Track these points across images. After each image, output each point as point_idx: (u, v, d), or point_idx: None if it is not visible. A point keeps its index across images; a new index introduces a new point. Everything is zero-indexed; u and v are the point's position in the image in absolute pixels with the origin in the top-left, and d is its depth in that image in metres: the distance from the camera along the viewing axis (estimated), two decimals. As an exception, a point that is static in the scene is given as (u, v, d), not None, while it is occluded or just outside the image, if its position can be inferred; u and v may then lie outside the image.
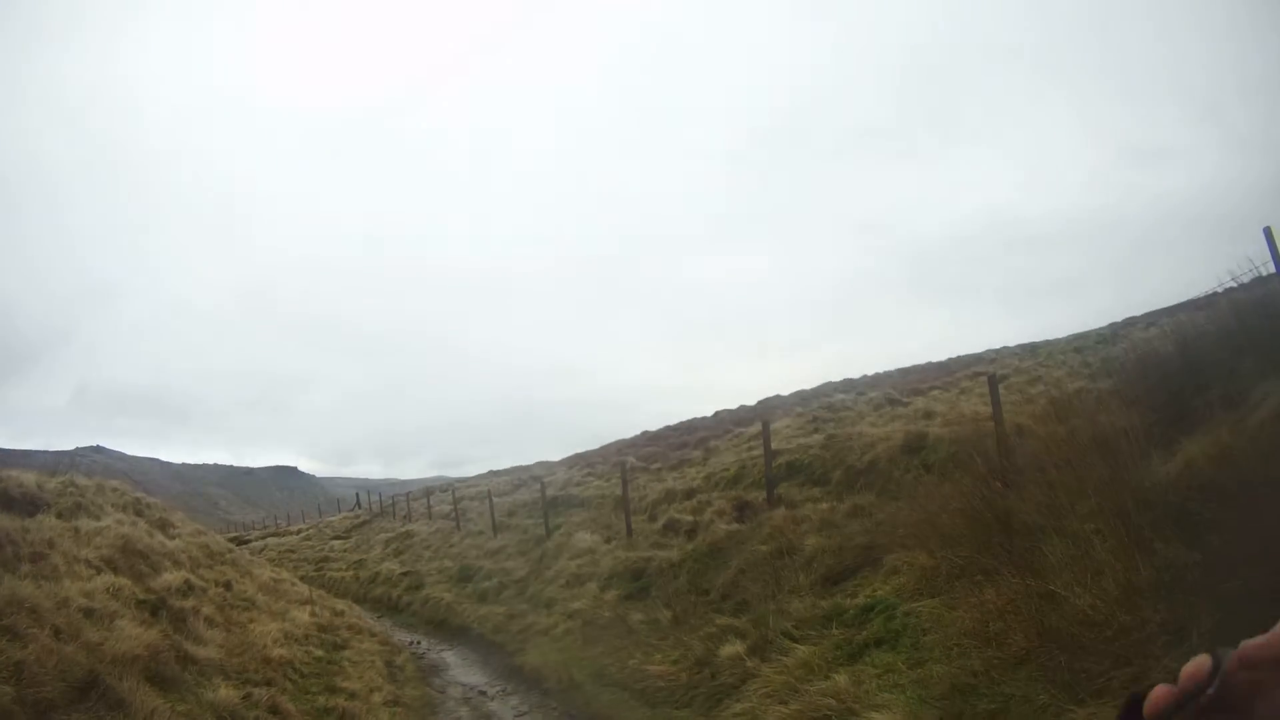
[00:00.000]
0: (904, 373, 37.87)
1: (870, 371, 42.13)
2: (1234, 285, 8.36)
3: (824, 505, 12.10)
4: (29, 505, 10.31)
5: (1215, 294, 8.77)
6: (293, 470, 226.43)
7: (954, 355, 39.02)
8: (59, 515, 10.40)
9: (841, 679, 6.96)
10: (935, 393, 24.26)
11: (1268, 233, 7.82)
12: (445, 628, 17.11)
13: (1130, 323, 29.03)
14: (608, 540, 16.34)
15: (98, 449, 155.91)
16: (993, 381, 10.52)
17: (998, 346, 37.66)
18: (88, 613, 7.42)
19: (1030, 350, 31.97)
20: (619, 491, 17.68)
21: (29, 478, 11.32)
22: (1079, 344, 29.25)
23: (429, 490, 42.18)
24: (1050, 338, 34.95)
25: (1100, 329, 32.08)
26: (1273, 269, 7.95)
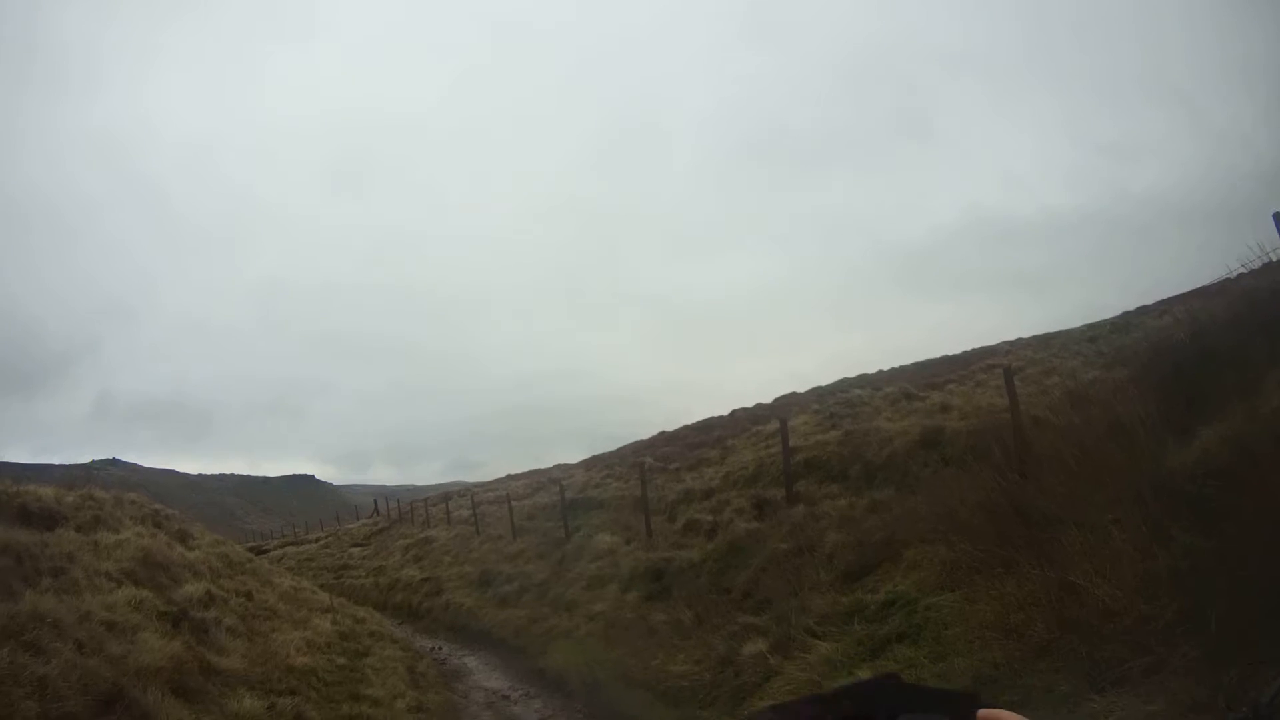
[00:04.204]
0: (919, 367, 37.75)
1: (886, 366, 42.03)
2: (1244, 271, 8.32)
3: (843, 501, 12.09)
4: (48, 519, 10.38)
5: (1227, 280, 8.72)
6: (309, 478, 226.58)
7: (968, 349, 38.91)
8: (78, 529, 10.47)
9: (864, 674, 6.95)
10: (951, 386, 24.24)
11: (1278, 218, 7.75)
12: (467, 632, 17.15)
13: (1143, 310, 28.87)
14: (628, 541, 16.33)
15: (113, 461, 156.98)
16: (1008, 374, 10.50)
17: (1012, 338, 37.58)
18: (110, 626, 7.49)
19: (1044, 341, 31.90)
20: (637, 492, 17.67)
21: (47, 492, 11.38)
22: (1092, 333, 29.17)
23: (447, 495, 42.24)
24: (1064, 328, 34.85)
25: (1113, 318, 31.97)
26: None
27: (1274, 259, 7.91)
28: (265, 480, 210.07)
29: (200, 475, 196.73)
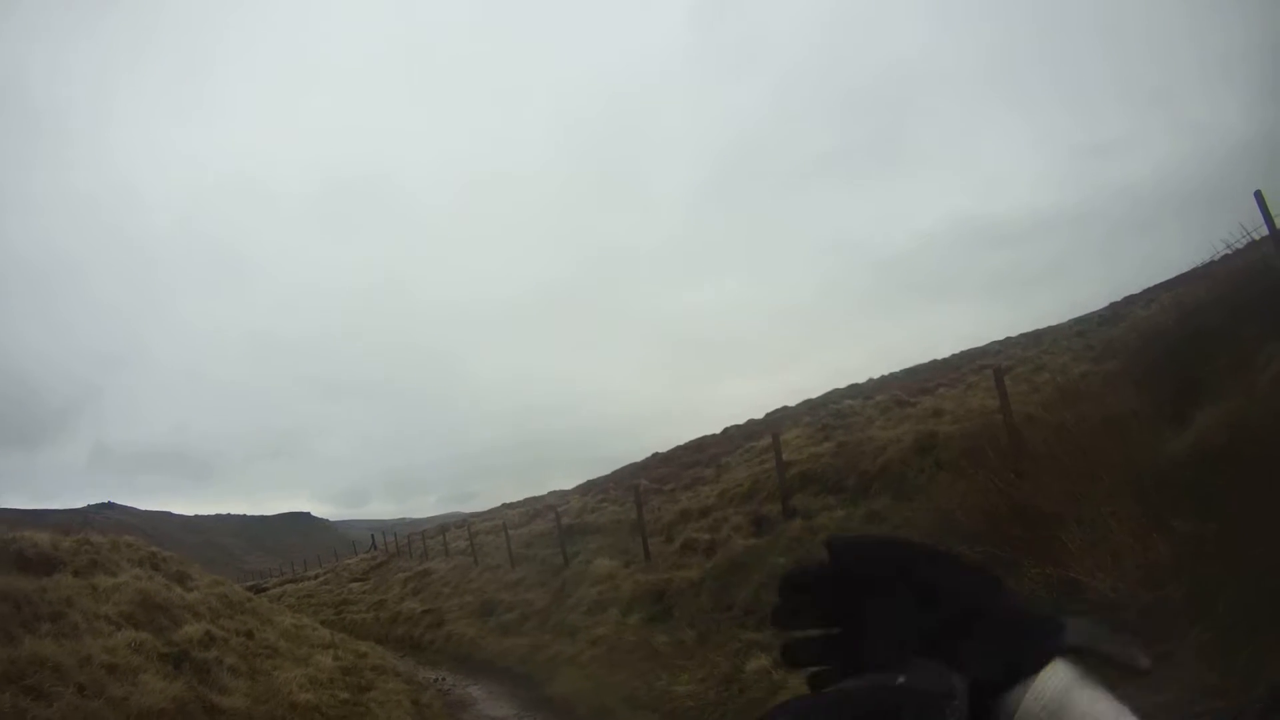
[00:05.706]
0: (909, 373, 37.85)
1: (876, 375, 42.11)
2: (1228, 252, 8.39)
3: (840, 513, 12.10)
4: (45, 565, 10.28)
5: (1212, 262, 8.79)
6: (306, 515, 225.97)
7: (958, 351, 39.03)
8: (75, 573, 10.36)
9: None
10: (942, 391, 24.27)
11: (1259, 196, 7.81)
12: (469, 663, 17.02)
13: (1130, 300, 29.04)
14: (626, 565, 16.28)
15: (109, 505, 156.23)
16: (998, 374, 10.52)
17: (1001, 338, 37.72)
18: (111, 669, 7.44)
19: (1034, 339, 32.01)
20: (634, 515, 17.64)
21: (43, 537, 11.27)
22: (1081, 327, 29.29)
23: (444, 527, 42.10)
24: (1053, 324, 35.04)
25: (1101, 310, 32.18)
26: (1265, 232, 7.96)
27: (1256, 238, 7.99)
28: (263, 519, 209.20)
29: (197, 516, 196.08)
